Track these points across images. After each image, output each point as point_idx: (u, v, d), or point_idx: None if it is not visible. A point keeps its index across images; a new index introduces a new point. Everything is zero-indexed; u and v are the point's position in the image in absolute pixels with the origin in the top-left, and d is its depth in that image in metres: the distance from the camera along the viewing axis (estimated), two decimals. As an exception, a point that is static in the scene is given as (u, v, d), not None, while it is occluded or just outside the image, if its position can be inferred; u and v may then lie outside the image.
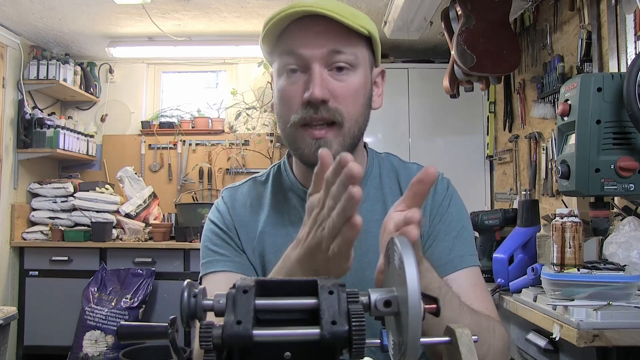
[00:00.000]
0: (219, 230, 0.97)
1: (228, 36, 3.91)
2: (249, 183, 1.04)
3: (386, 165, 1.03)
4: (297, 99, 0.86)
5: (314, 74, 0.84)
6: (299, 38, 0.85)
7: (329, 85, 0.85)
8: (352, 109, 0.87)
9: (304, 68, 0.86)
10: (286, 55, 0.87)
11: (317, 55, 0.84)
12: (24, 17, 3.42)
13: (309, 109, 0.84)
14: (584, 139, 1.51)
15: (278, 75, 0.90)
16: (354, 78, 0.87)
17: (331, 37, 0.84)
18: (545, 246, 1.83)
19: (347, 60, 0.86)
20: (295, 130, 0.87)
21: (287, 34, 0.87)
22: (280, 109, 0.90)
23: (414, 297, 0.46)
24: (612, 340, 1.24)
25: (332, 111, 0.85)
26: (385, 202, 0.98)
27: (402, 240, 0.52)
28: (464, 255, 0.92)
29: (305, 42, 0.85)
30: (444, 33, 2.70)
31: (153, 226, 3.84)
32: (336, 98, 0.85)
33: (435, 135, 3.67)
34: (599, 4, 2.19)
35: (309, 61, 0.85)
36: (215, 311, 0.49)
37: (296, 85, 0.86)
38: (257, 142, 4.17)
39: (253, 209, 0.99)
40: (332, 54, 0.85)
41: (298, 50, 0.85)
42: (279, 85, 0.89)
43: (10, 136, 3.67)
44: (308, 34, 0.85)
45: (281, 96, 0.89)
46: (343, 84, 0.86)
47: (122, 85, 4.34)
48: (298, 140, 0.88)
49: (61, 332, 3.49)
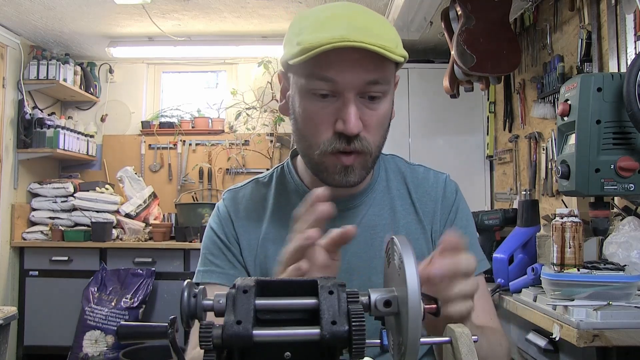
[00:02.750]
0: (217, 239, 0.96)
1: (228, 36, 3.91)
2: (252, 185, 1.02)
3: (392, 167, 1.02)
4: (327, 126, 0.83)
5: (349, 107, 0.80)
6: (335, 65, 0.80)
7: (362, 117, 0.82)
8: (379, 138, 0.86)
9: (336, 93, 0.82)
10: (318, 80, 0.81)
11: (352, 85, 0.80)
12: (24, 17, 3.42)
13: (342, 140, 0.82)
14: (584, 139, 1.51)
15: (303, 93, 0.84)
16: (383, 105, 0.85)
17: (369, 67, 0.80)
18: (545, 246, 1.83)
19: (382, 90, 0.83)
20: (324, 156, 0.85)
21: (322, 57, 0.79)
22: (307, 131, 0.86)
23: (414, 297, 0.46)
24: (612, 340, 1.24)
25: (363, 143, 0.83)
26: (393, 206, 0.97)
27: (402, 240, 0.52)
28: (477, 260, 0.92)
29: (342, 70, 0.80)
30: (444, 33, 2.70)
31: (153, 226, 3.84)
32: (367, 128, 0.83)
33: (435, 135, 3.67)
34: (599, 4, 2.19)
35: (343, 90, 0.81)
36: (215, 311, 0.49)
37: (326, 110, 0.82)
38: (257, 142, 4.17)
39: (256, 213, 0.97)
40: (368, 85, 0.81)
41: (334, 78, 0.80)
42: (305, 106, 0.84)
43: (10, 136, 3.67)
44: (345, 62, 0.79)
45: (308, 118, 0.85)
46: (374, 112, 0.84)
47: (122, 85, 4.34)
48: (325, 164, 0.86)
49: (61, 332, 3.50)
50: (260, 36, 3.89)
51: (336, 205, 0.91)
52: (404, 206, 0.97)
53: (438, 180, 1.00)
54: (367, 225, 0.94)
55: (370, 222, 0.94)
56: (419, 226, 0.96)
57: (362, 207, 0.95)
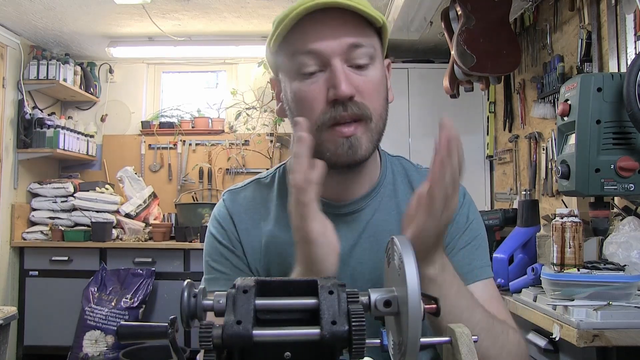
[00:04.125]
0: (219, 244, 0.92)
1: (228, 36, 3.91)
2: (253, 185, 0.97)
3: (399, 169, 0.97)
4: (320, 100, 0.79)
5: (336, 70, 0.77)
6: (314, 33, 0.78)
7: (353, 81, 0.78)
8: (376, 104, 0.82)
9: (322, 66, 0.79)
10: (301, 55, 0.79)
11: (336, 51, 0.78)
12: (24, 17, 3.42)
13: (337, 107, 0.78)
14: (584, 139, 1.51)
15: (291, 77, 0.82)
16: (374, 72, 0.81)
17: (349, 30, 0.78)
18: (545, 246, 1.83)
19: (367, 53, 0.80)
20: (323, 132, 0.80)
21: (299, 31, 0.78)
22: (300, 113, 0.81)
23: (414, 297, 0.46)
24: (612, 340, 1.24)
25: (360, 106, 0.79)
26: (399, 211, 0.91)
27: (402, 240, 0.52)
28: (482, 267, 0.90)
29: (322, 37, 0.78)
30: (444, 33, 2.70)
31: (153, 226, 3.84)
32: (361, 93, 0.79)
33: (435, 135, 3.66)
34: (599, 4, 2.19)
35: (328, 58, 0.78)
36: (215, 311, 0.49)
37: (316, 84, 0.79)
38: (257, 142, 4.17)
39: (258, 214, 0.93)
40: (352, 49, 0.79)
41: (315, 47, 0.78)
42: (295, 88, 0.81)
43: (10, 136, 3.67)
44: (324, 28, 0.78)
45: (299, 98, 0.81)
46: (366, 78, 0.80)
47: (122, 85, 4.34)
48: (327, 142, 0.80)
49: (61, 332, 3.49)
50: (260, 36, 3.89)
51: (339, 209, 0.89)
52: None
53: None
54: (373, 230, 0.89)
55: (376, 228, 0.90)
56: None
57: (367, 211, 0.90)
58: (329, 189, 0.86)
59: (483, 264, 0.90)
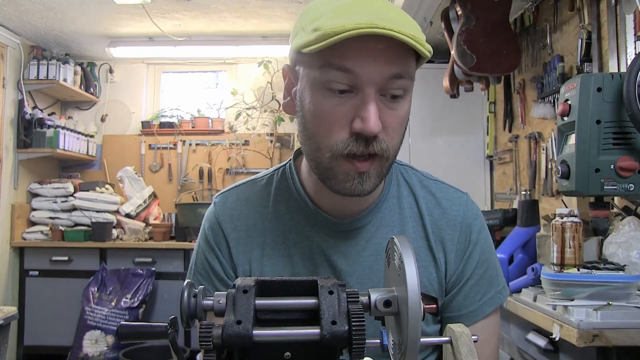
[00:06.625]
0: (207, 263, 0.90)
1: (228, 36, 3.91)
2: (246, 186, 0.93)
3: (404, 182, 0.91)
4: (342, 125, 0.73)
5: (369, 103, 0.71)
6: (356, 52, 0.70)
7: (382, 117, 0.73)
8: (397, 140, 0.77)
9: (353, 88, 0.72)
10: (334, 69, 0.71)
11: (374, 79, 0.71)
12: (24, 17, 3.42)
13: (360, 142, 0.73)
14: (584, 139, 1.51)
15: (315, 86, 0.74)
16: (404, 105, 0.76)
17: (393, 58, 0.71)
18: (545, 246, 1.83)
19: (404, 85, 0.74)
20: (335, 160, 0.75)
21: (341, 44, 0.69)
22: (318, 131, 0.76)
23: (414, 297, 0.46)
24: (612, 340, 1.24)
25: (382, 145, 0.74)
26: (403, 229, 0.87)
27: (402, 241, 0.52)
28: (494, 296, 0.88)
29: (362, 61, 0.70)
30: (444, 33, 2.70)
31: (153, 226, 3.84)
32: (386, 130, 0.74)
33: (435, 135, 3.66)
34: (599, 4, 2.19)
35: (363, 84, 0.71)
36: (215, 311, 0.49)
37: (343, 107, 0.73)
38: (257, 142, 4.17)
39: (252, 220, 0.89)
40: (391, 80, 0.72)
41: (353, 68, 0.70)
42: (317, 102, 0.74)
43: (10, 136, 3.67)
44: (368, 51, 0.70)
45: (321, 115, 0.74)
46: (395, 113, 0.75)
47: (122, 85, 4.34)
48: (337, 170, 0.76)
49: (61, 332, 3.49)
50: (260, 36, 3.89)
51: (340, 225, 0.85)
52: (416, 229, 0.88)
53: (456, 203, 0.90)
54: (375, 248, 0.85)
55: (378, 246, 0.85)
56: (429, 253, 0.87)
57: (369, 228, 0.86)
58: (328, 202, 0.85)
59: (495, 292, 0.89)
